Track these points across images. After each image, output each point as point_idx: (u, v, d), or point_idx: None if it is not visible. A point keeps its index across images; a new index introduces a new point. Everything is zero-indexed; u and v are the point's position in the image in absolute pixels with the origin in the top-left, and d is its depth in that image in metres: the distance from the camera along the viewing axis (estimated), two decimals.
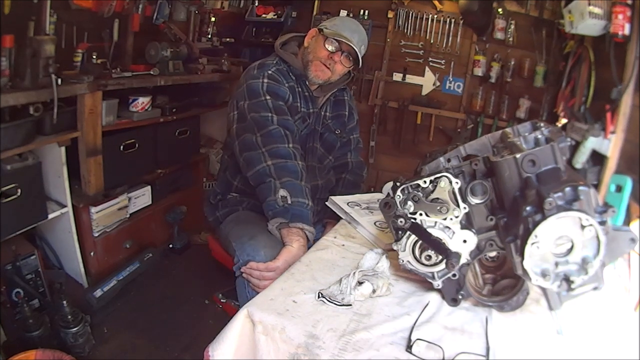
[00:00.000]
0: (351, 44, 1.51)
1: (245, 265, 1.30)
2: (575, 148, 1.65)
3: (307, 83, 1.59)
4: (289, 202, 1.30)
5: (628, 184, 1.20)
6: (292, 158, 1.37)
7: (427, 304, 0.94)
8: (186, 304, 2.17)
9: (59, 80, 1.69)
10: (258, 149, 1.38)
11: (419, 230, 0.91)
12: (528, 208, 0.77)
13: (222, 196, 1.64)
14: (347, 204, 1.43)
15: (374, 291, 0.96)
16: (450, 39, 3.09)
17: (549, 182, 0.79)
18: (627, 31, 1.56)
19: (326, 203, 1.49)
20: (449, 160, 1.01)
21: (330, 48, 1.53)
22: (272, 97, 1.47)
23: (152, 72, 2.32)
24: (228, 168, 1.64)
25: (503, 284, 0.96)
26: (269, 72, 1.52)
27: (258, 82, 1.49)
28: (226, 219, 1.58)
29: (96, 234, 2.15)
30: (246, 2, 3.47)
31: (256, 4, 3.54)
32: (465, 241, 0.90)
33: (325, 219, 1.63)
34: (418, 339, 0.82)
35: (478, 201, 0.89)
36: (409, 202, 0.92)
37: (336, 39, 1.52)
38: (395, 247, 0.95)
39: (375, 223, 1.31)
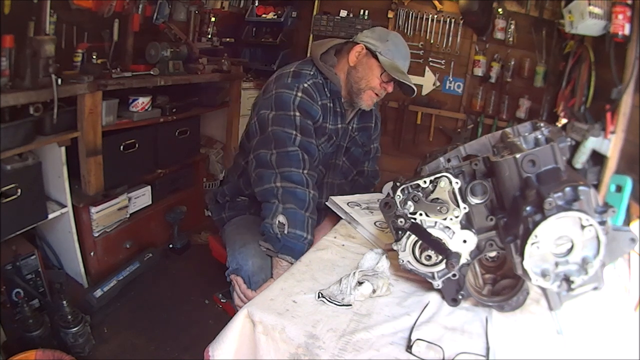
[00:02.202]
0: (410, 82, 1.43)
1: (233, 273, 1.32)
2: (575, 148, 1.65)
3: (341, 99, 1.48)
4: (285, 231, 1.23)
5: (628, 184, 1.20)
6: (304, 185, 1.29)
7: (427, 304, 0.95)
8: (186, 304, 2.17)
9: (59, 80, 1.69)
10: (272, 169, 1.31)
11: (419, 230, 0.91)
12: (528, 208, 0.77)
13: (231, 198, 1.61)
14: (347, 204, 1.43)
15: (374, 291, 0.96)
16: (450, 39, 3.09)
17: (549, 182, 0.79)
18: (627, 31, 1.55)
19: (326, 203, 1.48)
20: (449, 160, 1.01)
21: (386, 78, 1.44)
22: (302, 114, 1.35)
23: (152, 72, 2.32)
24: (243, 175, 1.57)
25: (503, 284, 0.96)
26: (305, 85, 1.38)
27: (291, 95, 1.36)
28: (231, 220, 1.57)
29: (96, 234, 2.15)
30: (246, 2, 3.47)
31: (256, 4, 3.54)
32: (465, 241, 0.90)
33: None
34: (418, 339, 0.82)
35: (478, 201, 0.89)
36: (409, 202, 0.93)
37: (394, 76, 1.41)
38: (395, 247, 0.95)
39: (375, 223, 1.31)
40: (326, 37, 1.82)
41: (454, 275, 0.93)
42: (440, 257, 0.91)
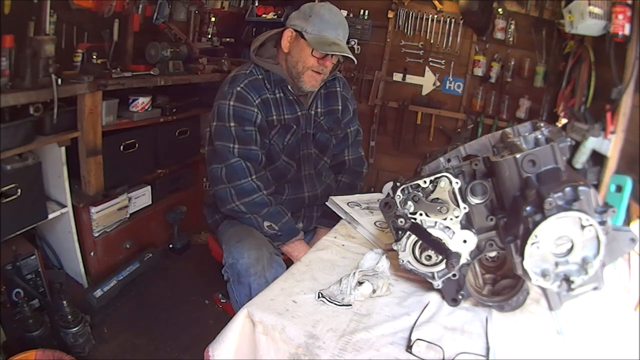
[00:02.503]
0: (342, 52, 1.41)
1: (230, 268, 1.35)
2: (575, 148, 1.65)
3: (290, 87, 1.49)
4: (276, 228, 1.44)
5: (628, 184, 1.20)
6: (257, 192, 1.42)
7: (427, 304, 0.95)
8: (186, 304, 2.17)
9: (59, 80, 1.69)
10: (224, 184, 1.43)
11: (419, 230, 0.91)
12: (528, 208, 0.77)
13: None
14: (347, 204, 1.43)
15: (374, 291, 0.96)
16: (450, 39, 3.09)
17: (549, 182, 0.79)
18: (627, 31, 1.55)
19: (326, 203, 1.48)
20: (449, 160, 1.01)
21: (319, 55, 1.42)
22: (237, 122, 1.42)
23: (152, 72, 2.31)
24: None
25: (503, 284, 0.96)
26: (238, 88, 1.43)
27: (225, 105, 1.43)
28: (224, 221, 1.58)
29: (96, 234, 2.15)
30: (246, 2, 3.47)
31: (256, 4, 3.53)
32: (465, 241, 0.90)
33: (316, 224, 1.64)
34: (418, 339, 0.82)
35: (478, 201, 0.89)
36: (409, 202, 0.92)
37: (322, 51, 1.39)
38: (395, 247, 0.95)
39: (375, 223, 1.31)
40: None
41: (454, 275, 0.93)
42: (440, 257, 0.91)
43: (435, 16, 3.08)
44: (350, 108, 1.70)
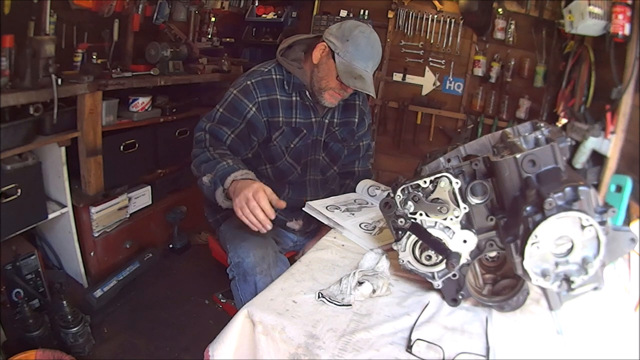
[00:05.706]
0: (364, 88, 1.39)
1: (236, 267, 1.33)
2: (575, 148, 1.65)
3: (307, 94, 1.49)
4: (212, 176, 1.30)
5: (628, 184, 1.20)
6: (204, 152, 1.37)
7: (427, 304, 0.95)
8: (186, 304, 2.17)
9: (59, 80, 1.69)
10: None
11: (419, 230, 0.91)
12: (528, 208, 0.77)
13: None
14: (327, 207, 1.38)
15: (374, 291, 0.96)
16: (450, 39, 3.09)
17: (549, 182, 0.79)
18: (627, 31, 1.56)
19: (303, 209, 1.42)
20: (449, 160, 1.01)
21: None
22: (227, 110, 1.44)
23: (152, 72, 2.32)
24: None
25: (503, 284, 0.96)
26: (248, 82, 1.44)
27: (229, 92, 1.46)
28: (226, 220, 1.58)
29: (96, 234, 2.15)
30: (246, 2, 3.47)
31: (256, 4, 3.54)
32: (465, 241, 0.90)
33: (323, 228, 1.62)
34: (418, 339, 0.82)
35: (478, 201, 0.89)
36: (409, 202, 0.92)
37: (345, 83, 1.38)
38: (395, 247, 0.95)
39: (360, 225, 1.30)
40: None
41: (454, 275, 0.93)
42: (440, 257, 0.91)
43: (435, 16, 3.08)
44: (366, 122, 1.71)
